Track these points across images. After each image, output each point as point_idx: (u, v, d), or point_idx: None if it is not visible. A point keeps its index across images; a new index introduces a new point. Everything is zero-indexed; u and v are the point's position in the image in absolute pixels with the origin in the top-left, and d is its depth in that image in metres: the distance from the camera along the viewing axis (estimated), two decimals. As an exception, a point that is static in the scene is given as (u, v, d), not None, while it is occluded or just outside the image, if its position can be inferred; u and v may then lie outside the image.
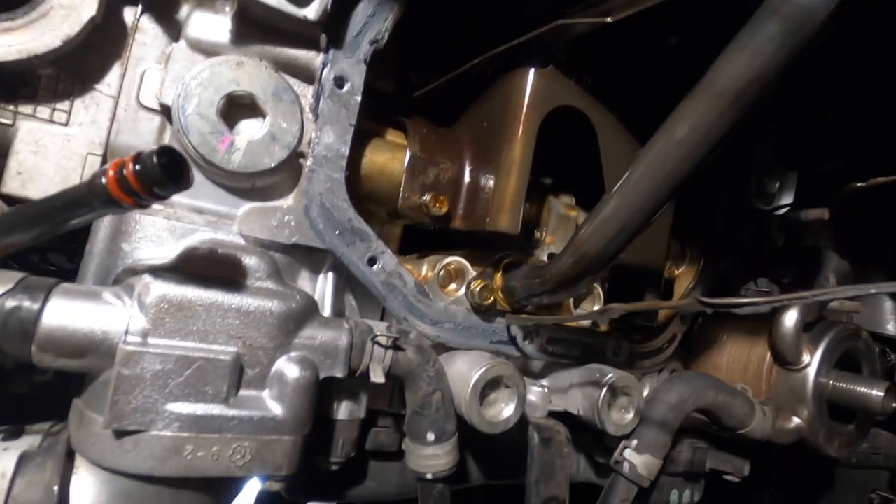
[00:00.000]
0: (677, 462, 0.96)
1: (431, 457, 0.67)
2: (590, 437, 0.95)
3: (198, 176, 0.67)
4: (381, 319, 0.86)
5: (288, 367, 0.56)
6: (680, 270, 1.10)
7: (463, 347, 0.82)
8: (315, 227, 0.71)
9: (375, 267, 0.75)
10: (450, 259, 0.82)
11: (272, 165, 0.67)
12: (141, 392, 0.48)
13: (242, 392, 0.54)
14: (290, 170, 0.72)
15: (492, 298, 0.81)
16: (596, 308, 0.95)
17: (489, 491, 0.96)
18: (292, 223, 0.70)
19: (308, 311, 0.60)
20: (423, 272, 0.83)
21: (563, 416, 0.90)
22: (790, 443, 0.92)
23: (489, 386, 0.73)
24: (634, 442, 0.86)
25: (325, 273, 0.77)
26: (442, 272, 0.83)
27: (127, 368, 0.48)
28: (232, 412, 0.52)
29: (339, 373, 0.60)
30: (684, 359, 1.13)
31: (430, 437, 0.67)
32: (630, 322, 1.03)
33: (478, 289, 0.80)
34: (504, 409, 0.73)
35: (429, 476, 0.67)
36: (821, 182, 1.25)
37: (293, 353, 0.57)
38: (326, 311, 0.72)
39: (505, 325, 0.86)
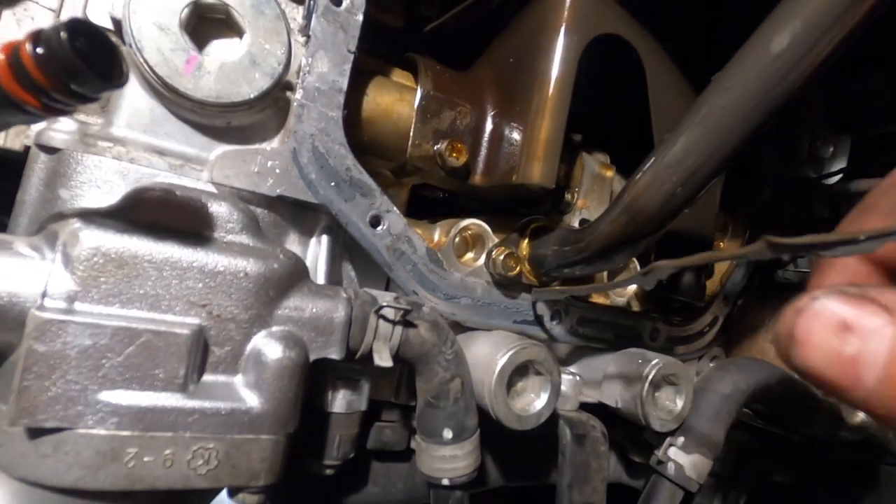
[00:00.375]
0: (725, 462, 0.84)
1: (449, 458, 0.54)
2: (624, 431, 0.83)
3: (158, 108, 0.54)
4: (386, 295, 0.73)
5: (268, 346, 0.43)
6: (723, 245, 0.97)
7: (482, 327, 0.69)
8: (305, 177, 0.58)
9: (379, 228, 0.62)
10: (467, 222, 0.69)
11: (252, 96, 0.54)
12: (63, 376, 0.35)
13: (207, 377, 0.42)
14: (275, 106, 0.58)
15: (517, 269, 0.68)
16: (633, 286, 0.82)
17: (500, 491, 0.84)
18: (277, 171, 0.56)
19: (295, 274, 0.47)
20: (436, 238, 0.70)
21: (596, 409, 0.77)
22: (855, 440, 0.80)
23: (517, 372, 0.60)
24: (681, 439, 0.73)
25: (318, 236, 0.63)
26: (458, 238, 0.70)
27: (42, 343, 0.35)
28: (192, 403, 0.39)
29: (334, 354, 0.47)
30: (724, 345, 1.00)
31: (448, 434, 0.54)
32: (669, 302, 0.90)
33: (501, 257, 0.67)
34: (535, 401, 0.61)
35: (445, 482, 0.55)
36: (874, 149, 1.13)
37: (275, 328, 0.44)
38: (320, 281, 0.59)
39: (531, 303, 0.73)
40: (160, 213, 0.42)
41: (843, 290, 0.26)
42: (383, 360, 0.48)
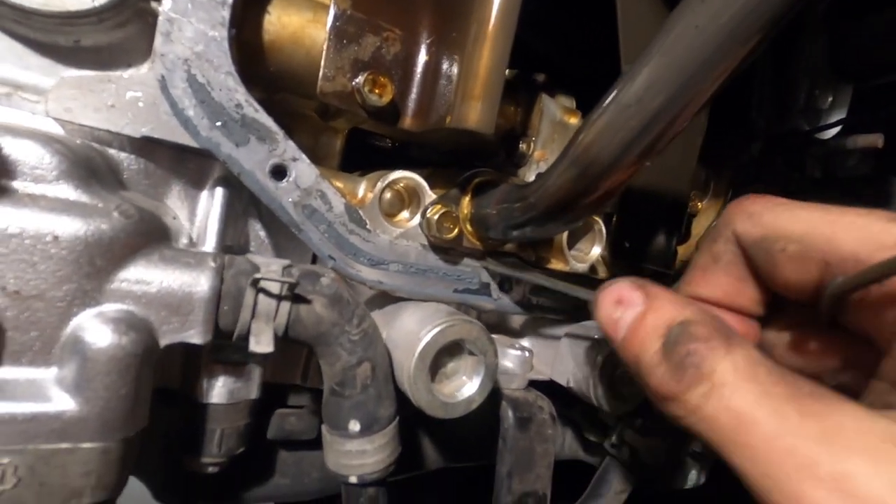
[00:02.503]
0: (687, 440, 0.78)
1: (356, 454, 0.46)
2: (580, 409, 0.76)
3: (-28, 18, 0.41)
4: (314, 262, 0.63)
5: (92, 331, 0.33)
6: (703, 204, 0.87)
7: (417, 297, 0.60)
8: (180, 114, 0.46)
9: (284, 181, 0.51)
10: (398, 175, 0.58)
11: (96, 4, 0.41)
12: None
13: (3, 371, 0.32)
14: (140, 21, 0.46)
15: (456, 231, 0.58)
16: (596, 251, 0.72)
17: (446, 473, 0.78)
18: (140, 104, 0.45)
19: (137, 238, 0.36)
20: (361, 193, 0.59)
21: (548, 386, 0.70)
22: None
23: (446, 351, 0.51)
24: (639, 421, 0.66)
25: (210, 188, 0.52)
26: (388, 194, 0.59)
27: None
28: (-27, 407, 0.30)
29: (195, 338, 0.38)
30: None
31: (354, 426, 0.46)
32: (637, 270, 0.81)
33: (436, 217, 0.57)
34: (466, 385, 0.52)
35: (353, 479, 0.47)
36: (874, 101, 1.02)
37: (107, 307, 0.35)
38: (210, 246, 0.49)
39: (474, 270, 0.64)
40: (-75, 154, 0.32)
41: (631, 280, 0.37)
42: (261, 344, 0.38)
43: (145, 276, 0.36)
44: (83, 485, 0.32)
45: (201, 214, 0.52)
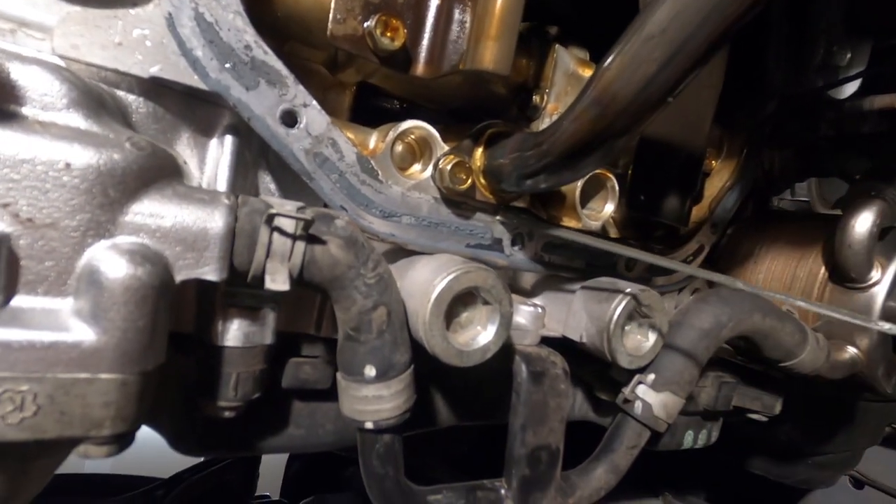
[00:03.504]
0: (698, 400, 0.78)
1: (372, 399, 0.46)
2: (591, 368, 0.76)
3: (-28, -50, 0.40)
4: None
5: (108, 261, 0.32)
6: (717, 164, 0.86)
7: (428, 251, 0.59)
8: (188, 54, 0.45)
9: (295, 128, 0.50)
10: (410, 125, 0.57)
11: (100, -65, 0.40)
12: None
13: (20, 300, 0.32)
14: (143, -43, 0.44)
15: (469, 182, 0.57)
16: (609, 208, 0.71)
17: (459, 430, 0.78)
18: (148, 43, 0.44)
19: (151, 171, 0.36)
20: (372, 144, 0.58)
21: (560, 344, 0.69)
22: (841, 377, 0.74)
23: (460, 301, 0.51)
24: (651, 377, 0.66)
25: (219, 136, 0.51)
26: (399, 144, 0.58)
27: None
28: (-10, 333, 0.29)
29: (211, 274, 0.37)
30: (709, 277, 0.92)
31: (370, 371, 0.45)
32: (650, 227, 0.80)
33: (449, 167, 0.56)
34: (481, 334, 0.52)
35: (369, 425, 0.47)
36: (893, 61, 0.99)
37: (121, 240, 0.34)
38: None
39: (487, 225, 0.63)
40: (-68, 76, 0.31)
41: None
42: (277, 282, 0.38)
43: (159, 210, 0.35)
44: (103, 416, 0.32)
45: (211, 163, 0.51)
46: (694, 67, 0.40)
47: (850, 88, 0.93)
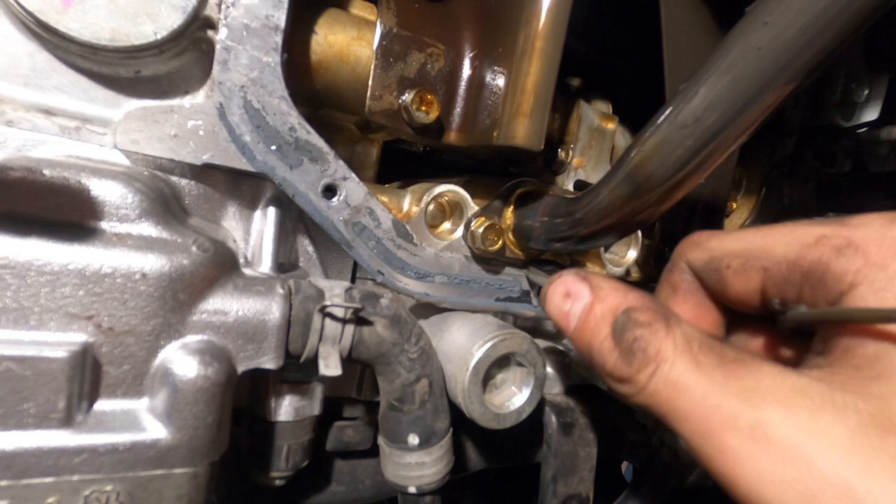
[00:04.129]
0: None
1: (415, 465, 0.48)
2: (617, 409, 0.77)
3: (40, 55, 0.43)
4: (354, 274, 0.64)
5: (179, 362, 0.35)
6: (736, 203, 0.87)
7: (460, 308, 0.61)
8: (238, 140, 0.47)
9: (335, 200, 0.52)
10: (442, 189, 0.59)
11: (158, 37, 0.42)
12: None
13: (102, 404, 0.34)
14: (196, 50, 0.47)
15: (499, 243, 0.59)
16: (632, 255, 0.73)
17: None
18: (200, 132, 0.46)
19: (215, 270, 0.38)
20: (406, 207, 0.60)
21: (587, 389, 0.71)
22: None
23: (497, 364, 0.53)
24: (679, 424, 0.67)
25: (263, 207, 0.54)
26: (431, 206, 0.60)
27: None
28: (78, 440, 0.32)
29: (269, 363, 0.39)
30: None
31: (413, 440, 0.47)
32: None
33: (481, 230, 0.58)
34: (516, 396, 0.53)
35: (412, 489, 0.49)
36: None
37: (189, 339, 0.36)
38: (266, 265, 0.50)
39: (515, 279, 0.65)
40: (21, 201, 0.33)
41: (575, 272, 0.41)
42: (331, 367, 0.40)
43: (223, 307, 0.37)
44: (177, 508, 0.34)
45: (255, 234, 0.53)
46: (725, 152, 0.42)
47: (868, 118, 0.93)
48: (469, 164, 0.81)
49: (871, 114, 0.94)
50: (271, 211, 0.53)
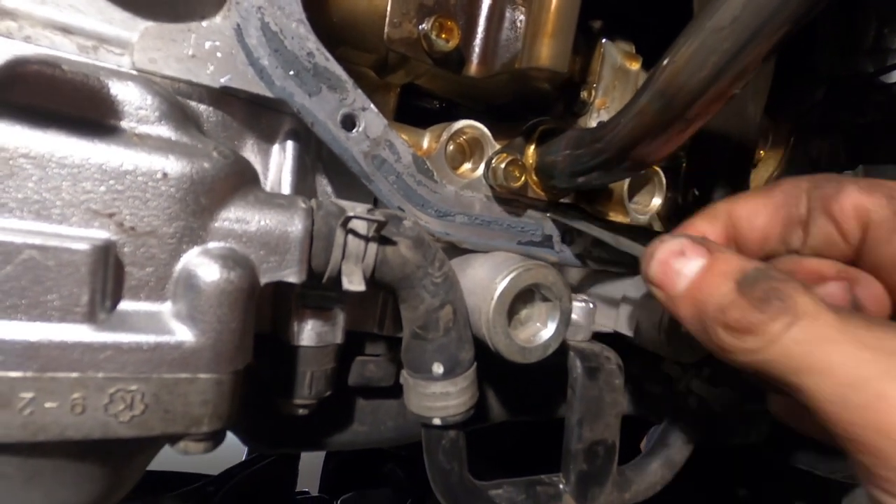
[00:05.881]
0: (749, 392, 0.76)
1: (440, 396, 0.47)
2: (640, 362, 0.75)
3: (56, -28, 0.42)
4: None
5: (202, 266, 0.34)
6: (764, 153, 0.84)
7: (480, 249, 0.60)
8: (255, 63, 0.46)
9: (354, 131, 0.51)
10: (462, 124, 0.58)
11: (174, -48, 0.41)
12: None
13: (125, 305, 0.33)
14: (211, -29, 0.46)
15: (522, 179, 0.58)
16: (657, 202, 0.71)
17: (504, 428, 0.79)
18: (218, 54, 0.45)
19: (236, 178, 0.37)
20: (426, 145, 0.59)
21: (611, 339, 0.69)
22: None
23: (521, 298, 0.51)
24: (706, 370, 0.65)
25: (281, 141, 0.53)
26: (451, 144, 0.59)
27: None
28: (102, 337, 0.31)
29: (292, 276, 0.38)
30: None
31: (438, 369, 0.46)
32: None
33: (502, 166, 0.56)
34: (542, 331, 0.52)
35: (436, 421, 0.48)
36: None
37: (212, 245, 0.35)
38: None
39: (537, 222, 0.63)
40: (41, 95, 0.32)
41: (689, 236, 0.38)
42: (354, 283, 0.39)
43: (244, 216, 0.36)
44: (202, 413, 0.34)
45: (274, 168, 0.52)
46: (764, 57, 0.40)
47: (901, 71, 0.90)
48: (485, 117, 0.79)
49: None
50: (290, 145, 0.52)
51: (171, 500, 1.03)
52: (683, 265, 0.36)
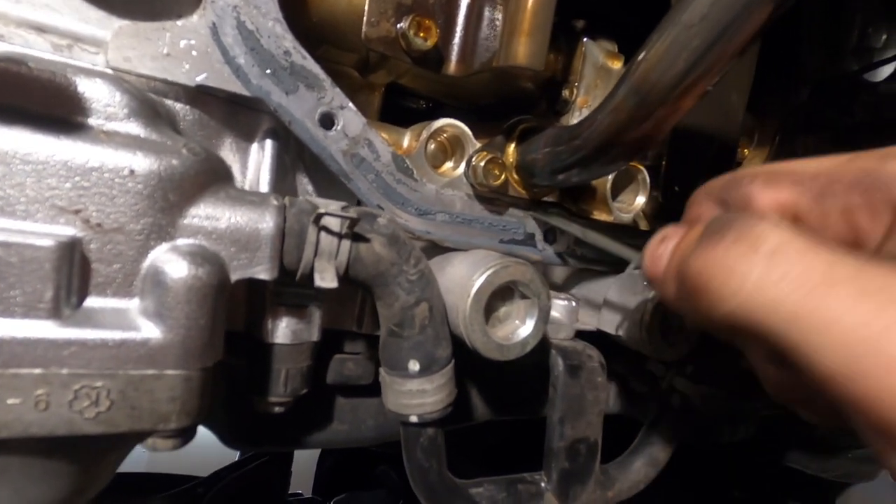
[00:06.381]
0: (735, 391, 0.76)
1: (416, 393, 0.47)
2: (624, 360, 0.75)
3: (30, -29, 0.42)
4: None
5: (170, 263, 0.34)
6: (749, 152, 0.84)
7: (462, 247, 0.60)
8: (231, 62, 0.46)
9: (333, 129, 0.51)
10: (442, 123, 0.58)
11: (148, -49, 0.41)
12: None
13: (91, 301, 0.33)
14: (187, -30, 0.46)
15: (502, 177, 0.58)
16: (641, 200, 0.71)
17: (495, 426, 0.79)
18: (194, 53, 0.45)
19: (206, 175, 0.37)
20: (406, 144, 0.59)
21: (594, 338, 0.69)
22: None
23: (499, 296, 0.51)
24: (690, 368, 0.65)
25: (260, 140, 0.53)
26: (432, 143, 0.59)
27: None
28: (67, 333, 0.31)
29: (263, 273, 0.38)
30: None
31: (414, 366, 0.46)
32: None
33: (482, 164, 0.57)
34: (520, 328, 0.52)
35: (413, 419, 0.48)
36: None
37: (181, 242, 0.35)
38: (263, 193, 0.49)
39: (519, 220, 0.63)
40: (6, 92, 0.32)
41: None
42: (326, 280, 0.39)
43: (214, 213, 0.36)
44: (169, 410, 0.34)
45: (253, 167, 0.52)
46: (734, 55, 0.40)
47: (887, 71, 0.90)
48: (469, 117, 0.79)
49: (889, 67, 0.90)
50: (268, 143, 0.53)
51: (160, 502, 1.03)
52: (666, 247, 0.35)
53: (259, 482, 1.26)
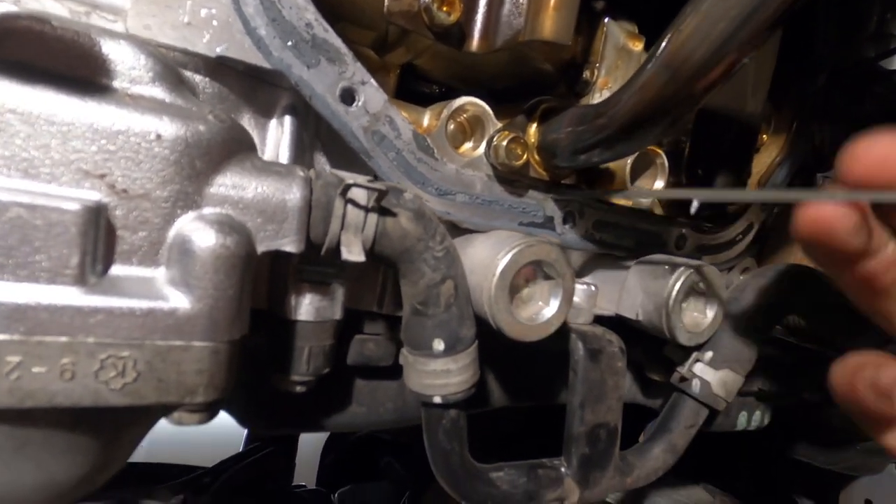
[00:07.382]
0: (754, 379, 0.76)
1: (440, 373, 0.46)
2: (641, 347, 0.75)
3: (48, -66, 0.40)
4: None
5: (197, 231, 0.33)
6: (766, 138, 0.84)
7: (481, 229, 0.59)
8: (252, 32, 0.45)
9: (354, 105, 0.50)
10: (463, 101, 0.57)
11: (169, -86, 0.40)
12: None
13: (117, 269, 0.32)
14: (208, -62, 0.45)
15: (524, 158, 0.57)
16: (659, 185, 0.70)
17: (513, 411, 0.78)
18: (215, 22, 0.44)
19: (232, 143, 0.36)
20: (426, 123, 0.58)
21: (612, 323, 0.69)
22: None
23: (521, 276, 0.50)
24: (709, 354, 0.65)
25: (278, 116, 0.52)
26: (452, 122, 0.58)
27: None
28: (93, 301, 0.30)
29: (290, 246, 0.37)
30: (757, 256, 0.90)
31: (439, 345, 0.45)
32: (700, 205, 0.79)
33: (504, 143, 0.56)
34: (544, 309, 0.51)
35: (437, 399, 0.47)
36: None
37: (207, 211, 0.34)
38: (283, 170, 0.48)
39: (539, 203, 0.62)
40: (30, 51, 0.31)
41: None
42: (353, 254, 0.38)
43: (241, 182, 0.35)
44: (196, 383, 0.33)
45: (271, 143, 0.51)
46: (772, 25, 0.39)
47: (903, 57, 0.89)
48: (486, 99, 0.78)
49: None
50: (287, 120, 0.51)
51: (167, 491, 1.02)
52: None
53: (264, 472, 1.25)
